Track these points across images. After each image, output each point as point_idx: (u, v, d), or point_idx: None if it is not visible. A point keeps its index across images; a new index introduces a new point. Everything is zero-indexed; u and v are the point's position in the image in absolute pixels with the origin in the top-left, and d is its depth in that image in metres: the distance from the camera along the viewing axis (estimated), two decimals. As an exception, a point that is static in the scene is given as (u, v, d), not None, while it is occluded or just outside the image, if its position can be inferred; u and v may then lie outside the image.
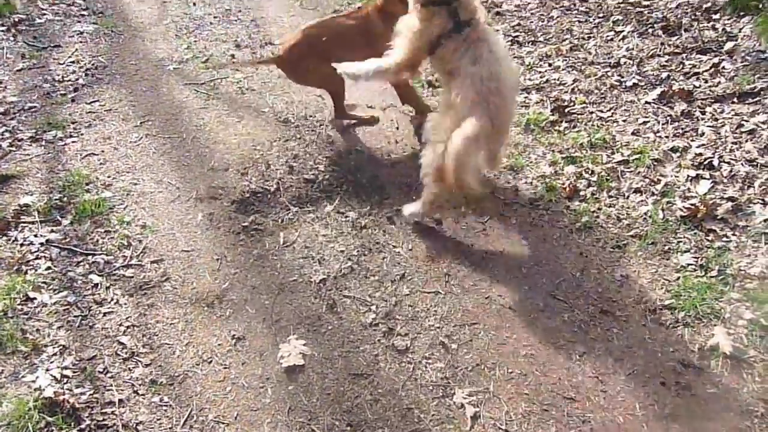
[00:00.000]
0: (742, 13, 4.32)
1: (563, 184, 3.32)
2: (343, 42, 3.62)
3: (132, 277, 2.95)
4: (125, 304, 2.81)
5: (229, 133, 4.04)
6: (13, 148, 3.99)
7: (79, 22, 6.22)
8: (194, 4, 6.43)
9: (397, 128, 3.98)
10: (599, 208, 3.17)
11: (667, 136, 3.55)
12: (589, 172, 3.37)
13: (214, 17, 6.07)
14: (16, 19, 6.09)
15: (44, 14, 6.36)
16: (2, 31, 5.81)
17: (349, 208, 3.30)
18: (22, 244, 3.12)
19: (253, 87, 4.61)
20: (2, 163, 3.82)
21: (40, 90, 4.78)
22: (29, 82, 4.92)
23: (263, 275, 2.93)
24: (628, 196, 3.21)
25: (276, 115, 4.20)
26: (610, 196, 3.23)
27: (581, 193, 3.27)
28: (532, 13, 5.14)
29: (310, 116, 4.17)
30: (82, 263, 3.02)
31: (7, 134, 4.15)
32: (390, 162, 3.65)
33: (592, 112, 3.85)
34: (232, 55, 5.14)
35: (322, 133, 3.96)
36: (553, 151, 3.60)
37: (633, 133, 3.62)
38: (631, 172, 3.35)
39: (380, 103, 4.27)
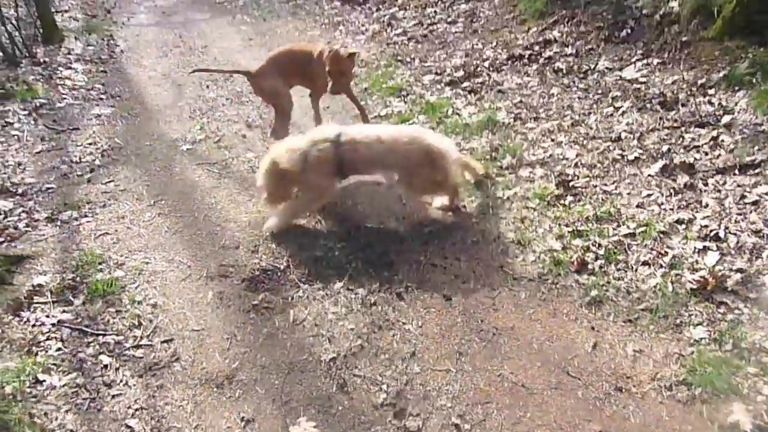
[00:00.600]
0: (736, 88, 4.46)
1: (571, 257, 3.34)
2: (295, 70, 4.62)
3: (142, 357, 2.94)
4: (134, 385, 2.79)
5: (240, 211, 4.13)
6: (29, 229, 4.08)
7: (98, 105, 6.49)
8: (207, 86, 6.71)
9: (405, 205, 4.05)
10: (608, 282, 3.17)
11: (671, 209, 3.59)
12: (597, 246, 3.40)
13: (227, 99, 6.32)
14: (38, 104, 6.36)
15: (65, 98, 6.64)
16: (24, 114, 6.05)
17: (358, 284, 3.31)
18: (33, 325, 3.14)
19: (263, 166, 4.73)
20: (18, 243, 3.90)
21: (57, 171, 4.93)
22: (47, 164, 5.08)
23: (273, 354, 2.91)
24: (636, 269, 3.22)
25: (286, 193, 4.30)
26: (619, 269, 3.24)
27: (589, 266, 3.28)
28: (533, 91, 5.32)
29: (320, 193, 4.26)
30: (92, 344, 3.03)
31: (24, 215, 4.25)
32: (399, 238, 3.69)
33: (596, 186, 3.92)
34: (244, 135, 5.32)
35: (332, 210, 4.03)
36: (559, 224, 3.64)
37: (638, 206, 3.67)
38: (638, 244, 3.38)
39: (387, 180, 4.37)
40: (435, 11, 7.94)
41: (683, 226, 3.44)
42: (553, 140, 4.52)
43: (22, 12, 8.23)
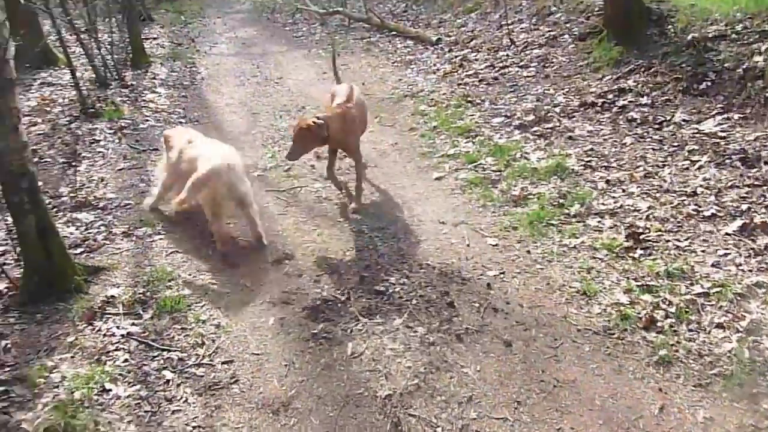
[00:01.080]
0: (825, 149, 4.26)
1: (639, 313, 3.23)
2: None
3: (202, 376, 3.01)
4: (194, 403, 2.85)
5: (305, 240, 4.21)
6: (107, 242, 4.28)
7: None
8: (280, 116, 6.94)
9: (468, 245, 4.03)
10: (678, 342, 3.04)
11: (750, 270, 3.43)
12: (667, 303, 3.27)
13: (298, 129, 6.50)
14: (123, 124, 6.74)
15: (147, 120, 7.02)
16: (110, 133, 6.42)
17: (418, 323, 3.30)
18: (105, 335, 3.27)
19: (330, 197, 4.83)
20: (96, 255, 4.10)
21: (136, 189, 5.18)
22: (127, 181, 5.35)
23: (329, 385, 2.92)
24: (709, 331, 3.08)
25: (350, 225, 4.37)
26: (690, 330, 3.10)
27: (658, 324, 3.15)
28: (605, 139, 5.24)
29: (384, 228, 4.30)
30: (157, 358, 3.12)
31: (103, 228, 4.47)
32: (461, 279, 3.67)
33: (668, 241, 3.79)
34: (312, 165, 5.46)
35: (394, 246, 4.06)
36: (627, 278, 3.53)
37: (713, 265, 3.52)
38: (713, 305, 3.23)
39: (451, 219, 4.38)
40: (507, 55, 7.98)
41: (763, 290, 3.27)
42: (623, 191, 4.42)
43: (115, 37, 8.79)
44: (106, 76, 8.07)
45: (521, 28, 8.67)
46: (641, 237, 3.86)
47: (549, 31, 8.10)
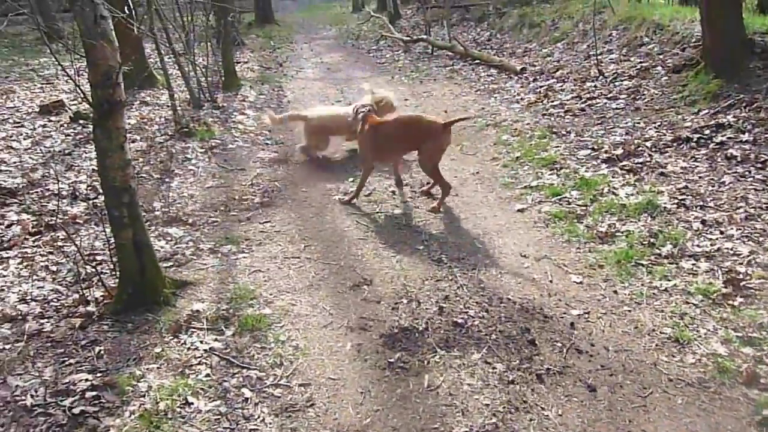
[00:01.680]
0: None
1: (739, 367, 3.00)
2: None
3: (280, 397, 3.04)
4: (270, 423, 2.87)
5: (384, 266, 4.21)
6: (194, 257, 4.45)
7: (263, 150, 7.06)
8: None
9: (551, 281, 3.90)
10: (784, 402, 2.79)
11: None
12: (771, 358, 3.02)
13: (380, 155, 6.58)
14: (213, 144, 7.04)
15: (236, 141, 7.30)
16: (201, 152, 6.72)
17: (497, 359, 3.21)
18: (189, 348, 3.38)
19: (410, 224, 4.83)
20: (184, 269, 4.26)
21: (223, 206, 5.38)
22: (215, 199, 5.56)
23: (405, 417, 2.88)
24: (820, 393, 2.81)
25: (430, 254, 4.33)
26: (798, 390, 2.84)
27: (762, 380, 2.91)
28: (700, 177, 4.97)
29: (463, 258, 4.24)
30: (237, 375, 3.18)
31: (191, 243, 4.66)
32: (543, 316, 3.55)
33: (772, 289, 3.53)
34: (393, 192, 5.49)
35: (474, 277, 3.99)
36: (725, 327, 3.30)
37: (825, 320, 3.24)
38: (824, 364, 2.96)
39: (534, 253, 4.26)
40: (595, 86, 7.78)
41: None
42: (722, 233, 4.16)
43: (210, 61, 9.27)
44: (199, 98, 8.51)
45: (610, 59, 8.45)
46: (741, 284, 3.60)
47: (640, 62, 7.84)
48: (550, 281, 3.91)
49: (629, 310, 3.56)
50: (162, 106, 8.56)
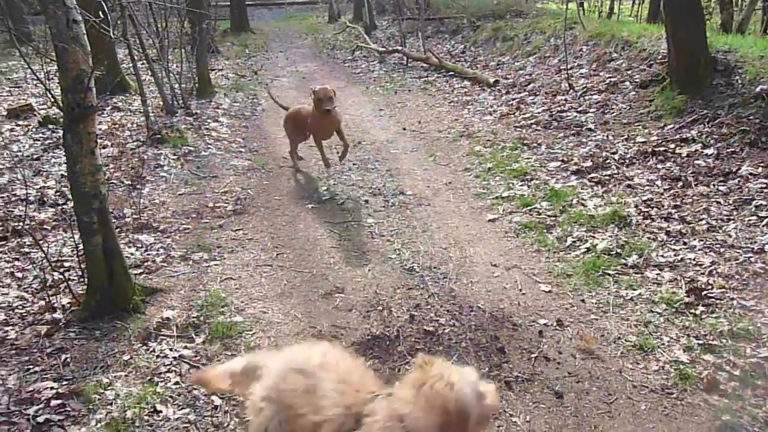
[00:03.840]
0: None
1: (700, 373, 3.09)
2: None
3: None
4: (240, 432, 2.86)
5: (356, 274, 4.23)
6: (165, 264, 4.41)
7: (237, 157, 7.03)
8: (337, 151, 7.05)
9: (521, 290, 3.97)
10: (743, 408, 2.88)
11: (822, 336, 3.25)
12: (731, 365, 3.12)
13: (353, 164, 6.62)
14: (186, 150, 7.00)
15: (209, 148, 7.26)
16: (174, 159, 6.67)
17: (467, 366, 3.24)
18: (158, 356, 3.35)
19: (382, 233, 4.87)
20: (154, 277, 4.22)
21: (194, 214, 5.34)
22: (187, 206, 5.52)
23: (375, 424, 2.89)
24: (777, 399, 2.91)
25: (402, 263, 4.37)
26: (756, 396, 2.94)
27: (722, 386, 3.00)
28: (665, 190, 5.11)
29: (435, 267, 4.29)
30: (206, 383, 3.16)
31: (162, 251, 4.61)
32: (511, 324, 3.60)
33: (732, 299, 3.64)
34: (366, 200, 5.52)
35: (445, 286, 4.03)
36: (688, 335, 3.40)
37: (782, 328, 3.35)
38: (781, 371, 3.06)
39: (504, 262, 4.33)
40: (565, 99, 7.95)
41: (837, 358, 3.08)
42: (685, 243, 4.29)
43: (184, 67, 9.21)
44: (173, 104, 8.44)
45: (581, 74, 8.64)
46: (703, 293, 3.72)
47: (609, 77, 8.04)
48: (520, 290, 3.97)
49: (596, 319, 3.64)
50: (134, 112, 8.48)
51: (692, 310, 3.59)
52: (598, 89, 7.86)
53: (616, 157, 5.89)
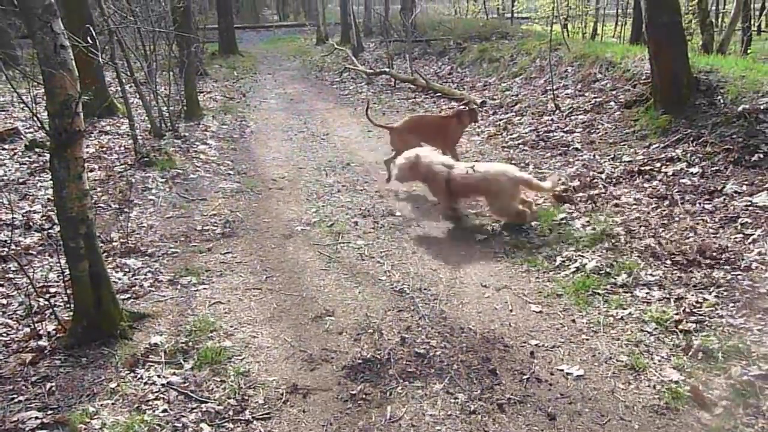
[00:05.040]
0: None
1: (691, 392, 3.09)
2: (429, 130, 6.55)
3: (239, 432, 2.98)
4: (229, 460, 2.81)
5: (346, 297, 4.21)
6: (153, 289, 4.37)
7: (225, 180, 7.01)
8: (326, 173, 7.07)
9: (511, 311, 3.96)
10: (735, 426, 2.87)
11: (811, 354, 3.26)
12: (723, 384, 3.12)
13: (343, 186, 6.62)
14: (174, 173, 6.98)
15: (197, 171, 7.25)
16: (162, 182, 6.64)
17: (458, 389, 3.22)
18: (146, 383, 3.29)
19: (372, 254, 4.85)
20: (142, 302, 4.17)
21: (183, 237, 5.30)
22: (175, 229, 5.49)
23: (367, 450, 2.85)
24: (768, 417, 2.91)
25: (392, 285, 4.35)
26: (749, 415, 2.94)
27: (713, 405, 3.00)
28: (652, 208, 5.16)
29: (425, 289, 4.28)
30: (195, 410, 3.11)
31: (149, 275, 4.57)
32: (503, 345, 3.59)
33: (722, 317, 3.65)
34: (356, 222, 5.51)
35: (435, 308, 4.02)
36: (678, 354, 3.40)
37: None
38: (771, 389, 3.06)
39: (494, 283, 4.33)
40: (552, 119, 8.04)
41: (826, 375, 3.09)
42: (673, 262, 4.31)
43: (172, 90, 9.22)
44: (161, 127, 8.43)
45: (566, 94, 8.75)
46: (693, 311, 3.73)
47: (595, 97, 8.15)
48: (510, 311, 3.97)
49: (587, 339, 3.63)
50: (122, 135, 8.46)
51: (682, 328, 3.60)
52: (583, 109, 7.97)
53: (603, 176, 5.94)
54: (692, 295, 3.90)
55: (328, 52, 18.11)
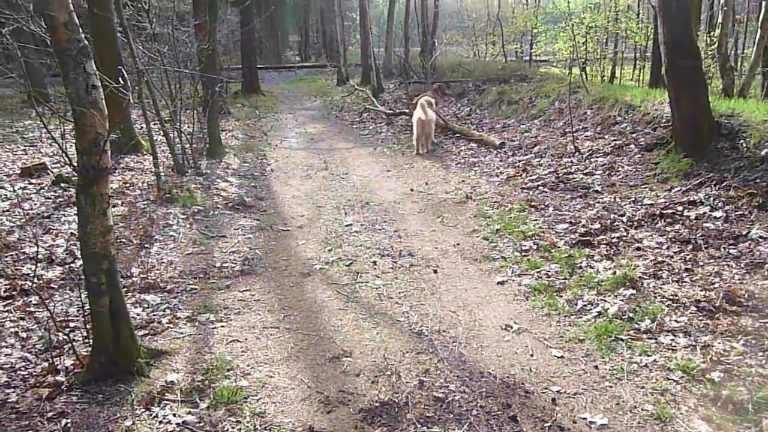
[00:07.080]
0: None
1: (721, 446, 2.98)
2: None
3: (254, 475, 2.92)
4: (243, 504, 2.75)
5: (363, 337, 4.17)
6: (171, 325, 4.37)
7: (245, 217, 7.07)
8: (345, 212, 7.10)
9: (532, 355, 3.89)
10: (768, 484, 2.76)
11: None
12: (753, 437, 3.01)
13: (361, 225, 6.64)
14: (195, 210, 7.05)
15: (217, 208, 7.32)
16: (182, 218, 6.71)
17: (478, 436, 3.14)
18: (161, 422, 3.26)
19: (391, 295, 4.82)
20: (159, 338, 4.17)
21: (202, 274, 5.32)
22: (195, 266, 5.51)
23: (383, 498, 2.78)
24: (803, 474, 2.79)
25: (410, 326, 4.31)
26: (782, 471, 2.82)
27: (744, 460, 2.89)
28: (675, 252, 5.08)
29: (444, 331, 4.22)
30: (210, 451, 3.06)
31: (168, 311, 4.58)
32: (523, 391, 3.51)
33: (751, 366, 3.54)
34: (374, 262, 5.50)
35: (454, 350, 3.96)
36: (707, 404, 3.29)
37: (803, 398, 3.25)
38: (805, 444, 2.94)
39: (514, 326, 4.26)
40: (571, 161, 8.03)
41: None
42: (698, 308, 4.22)
43: (195, 128, 9.40)
44: (183, 164, 8.57)
45: (586, 136, 8.76)
46: (720, 359, 3.63)
47: (614, 140, 8.15)
48: (531, 355, 3.89)
49: (611, 386, 3.54)
50: (145, 171, 8.60)
51: (709, 377, 3.49)
52: (603, 152, 7.96)
53: (624, 219, 5.88)
54: (719, 342, 3.80)
55: (349, 92, 18.40)
